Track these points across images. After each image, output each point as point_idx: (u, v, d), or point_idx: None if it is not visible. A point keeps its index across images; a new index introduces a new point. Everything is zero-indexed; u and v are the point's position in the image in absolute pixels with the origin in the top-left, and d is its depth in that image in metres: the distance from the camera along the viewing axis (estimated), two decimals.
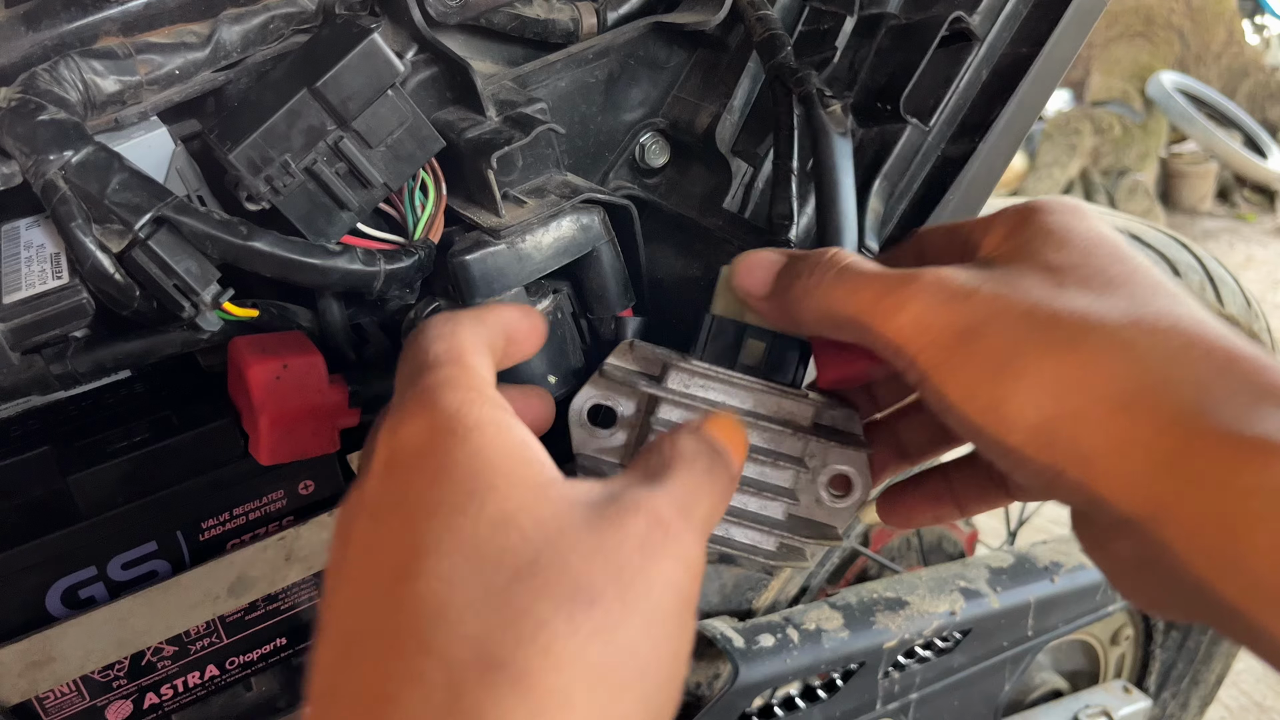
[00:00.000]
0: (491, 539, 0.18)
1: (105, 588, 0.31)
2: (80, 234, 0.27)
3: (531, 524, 0.18)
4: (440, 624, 0.17)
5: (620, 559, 0.18)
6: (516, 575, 0.18)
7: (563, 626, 0.17)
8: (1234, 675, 1.04)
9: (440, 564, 0.18)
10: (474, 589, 0.17)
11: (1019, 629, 0.64)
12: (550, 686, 0.17)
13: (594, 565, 0.18)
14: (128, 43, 0.29)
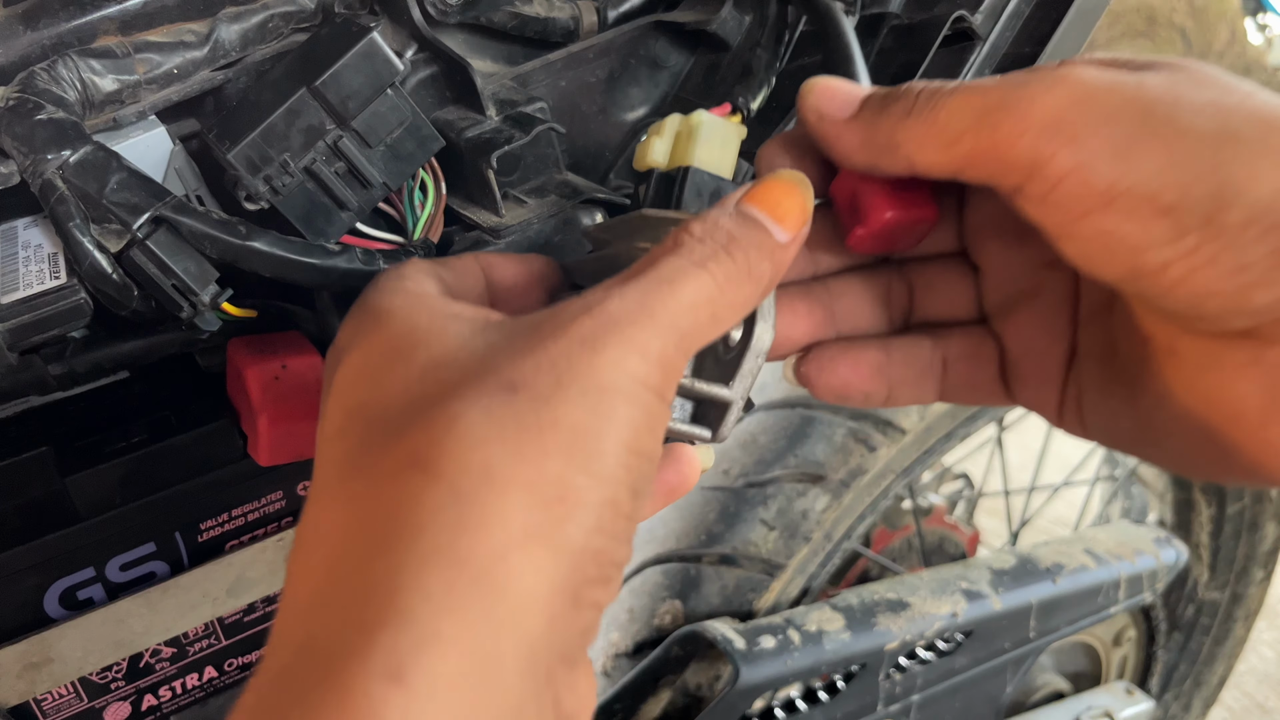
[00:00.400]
0: (424, 377, 0.17)
1: (104, 589, 0.31)
2: (78, 234, 0.27)
3: (468, 355, 0.17)
4: (365, 446, 0.17)
5: (555, 351, 0.17)
6: (442, 389, 0.17)
7: (481, 414, 0.16)
8: (1236, 676, 1.03)
9: (368, 403, 0.18)
10: (402, 405, 0.17)
11: (1021, 630, 0.64)
12: (470, 463, 0.16)
13: (523, 361, 0.17)
14: (126, 42, 0.29)
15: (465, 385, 0.17)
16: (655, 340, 0.17)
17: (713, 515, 0.60)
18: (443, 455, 0.16)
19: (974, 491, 0.93)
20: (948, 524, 0.85)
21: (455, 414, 0.16)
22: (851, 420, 0.61)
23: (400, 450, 0.16)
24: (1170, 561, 0.72)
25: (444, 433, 0.16)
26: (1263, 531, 0.92)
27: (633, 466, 0.17)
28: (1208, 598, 0.94)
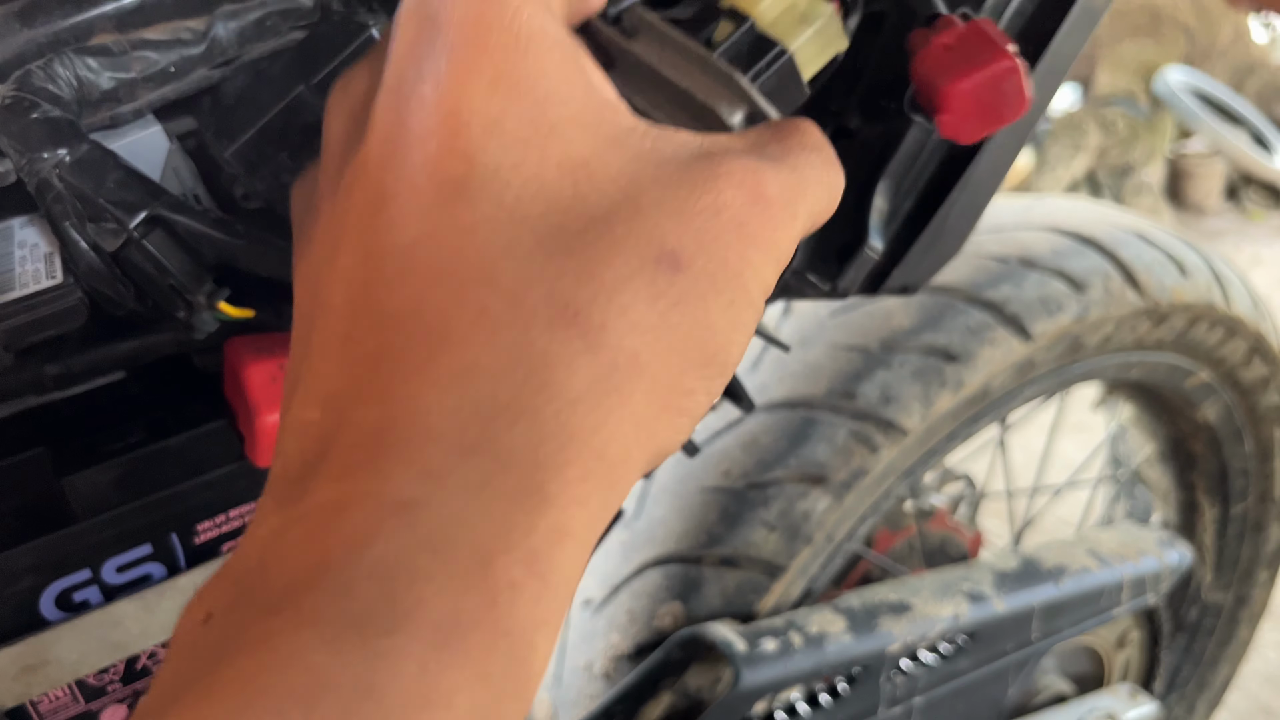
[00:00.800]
0: (559, 183, 0.15)
1: (100, 591, 0.31)
2: (74, 233, 0.27)
3: (606, 175, 0.15)
4: (508, 258, 0.14)
5: (714, 230, 0.15)
6: (592, 223, 0.15)
7: (644, 288, 0.15)
8: (1241, 678, 1.03)
9: (504, 193, 0.15)
10: (545, 228, 0.14)
11: (1024, 633, 0.63)
12: (624, 348, 0.14)
13: (683, 229, 0.15)
14: (123, 39, 0.29)
15: (627, 239, 0.15)
16: (792, 243, 0.17)
17: (713, 516, 0.60)
18: (604, 327, 0.14)
19: (976, 493, 0.93)
20: (950, 525, 0.85)
21: (619, 280, 0.14)
22: (853, 421, 0.61)
23: (558, 291, 0.14)
24: (1174, 563, 0.72)
25: (606, 299, 0.14)
26: (1267, 533, 0.92)
27: (722, 388, 0.16)
28: (1212, 599, 0.93)
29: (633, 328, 0.15)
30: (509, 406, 0.14)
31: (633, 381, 0.14)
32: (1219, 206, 2.81)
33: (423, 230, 0.15)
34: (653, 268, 0.15)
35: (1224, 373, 0.81)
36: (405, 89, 0.15)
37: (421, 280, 0.14)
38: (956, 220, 0.39)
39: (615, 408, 0.14)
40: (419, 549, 0.12)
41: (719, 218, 0.15)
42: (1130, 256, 0.70)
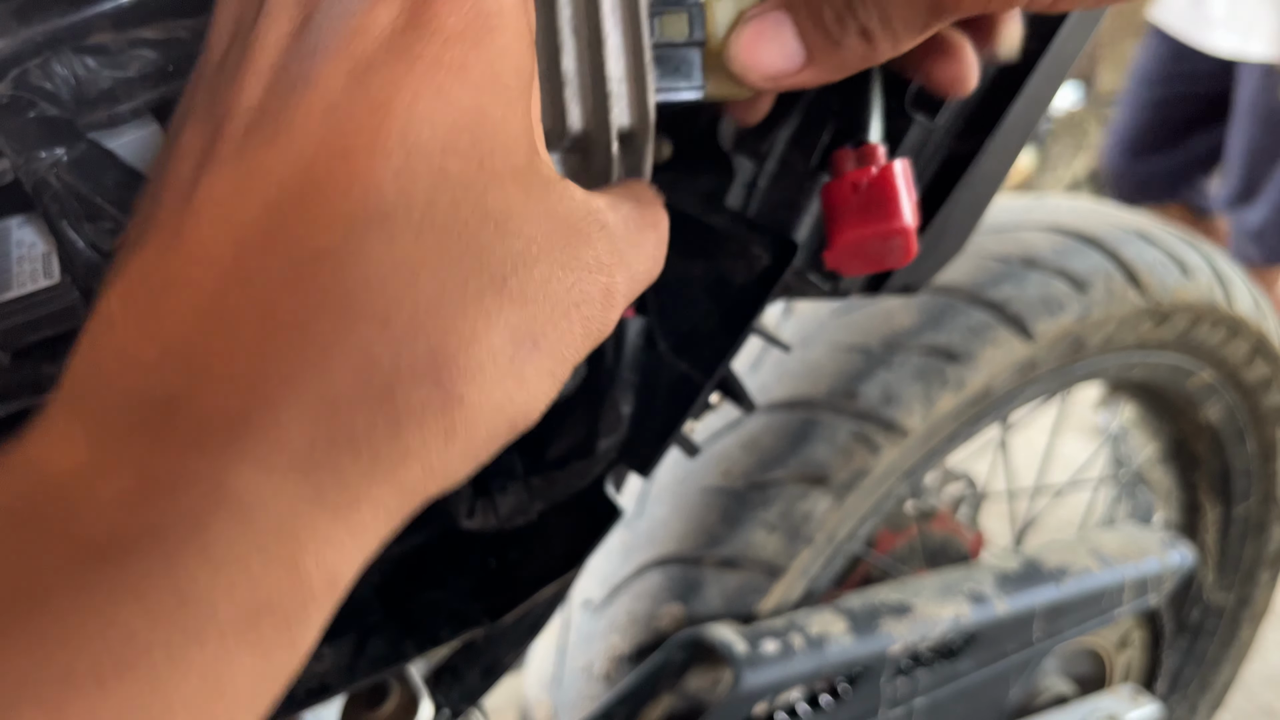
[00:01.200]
0: (479, 228, 0.16)
1: None
2: (72, 233, 0.27)
3: (518, 232, 0.16)
4: (406, 303, 0.15)
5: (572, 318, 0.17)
6: (486, 289, 0.15)
7: (509, 365, 0.16)
8: (1243, 679, 1.03)
9: (425, 233, 0.15)
10: (439, 278, 0.15)
11: (1025, 634, 0.63)
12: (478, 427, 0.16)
13: (553, 312, 0.16)
14: (121, 38, 0.29)
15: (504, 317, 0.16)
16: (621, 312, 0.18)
17: (714, 517, 0.60)
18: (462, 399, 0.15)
19: (977, 493, 0.93)
20: (951, 526, 0.84)
21: (485, 357, 0.15)
22: (854, 421, 0.61)
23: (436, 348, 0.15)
24: (1176, 564, 0.72)
25: (472, 374, 0.15)
26: (1270, 533, 0.92)
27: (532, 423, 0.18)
28: (1214, 600, 0.93)
29: (484, 401, 0.16)
30: (351, 439, 0.14)
31: (461, 443, 0.15)
32: None
33: (328, 244, 0.15)
34: (517, 348, 0.16)
35: (1226, 373, 0.81)
36: (379, 80, 0.16)
37: (319, 290, 0.15)
38: (959, 220, 0.38)
39: (439, 463, 0.15)
40: (244, 543, 0.13)
41: (578, 311, 0.17)
42: (1132, 256, 0.70)
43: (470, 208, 0.16)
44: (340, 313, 0.15)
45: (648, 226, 0.19)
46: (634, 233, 0.19)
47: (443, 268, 0.15)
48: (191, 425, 0.14)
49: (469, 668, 0.45)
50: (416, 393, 0.15)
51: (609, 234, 0.18)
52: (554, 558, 0.35)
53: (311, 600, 0.14)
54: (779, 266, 0.33)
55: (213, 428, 0.14)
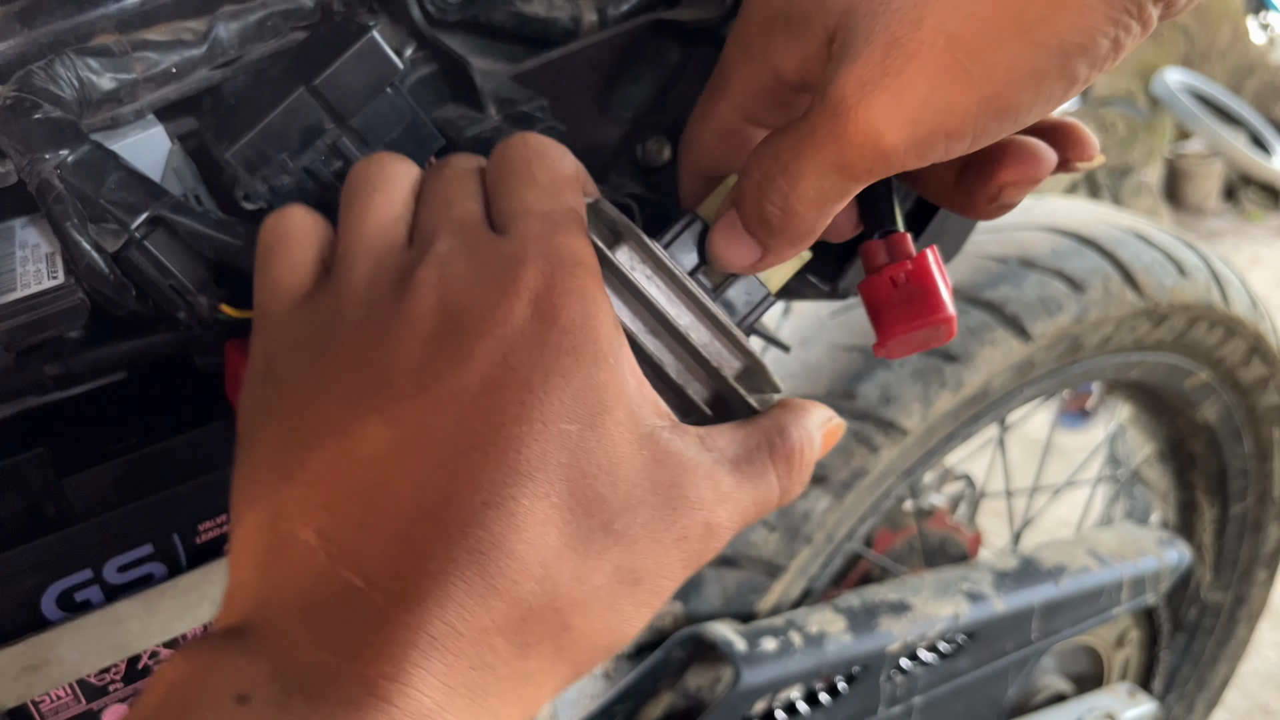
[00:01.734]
0: (594, 480, 0.19)
1: (101, 591, 0.31)
2: (75, 234, 0.27)
3: (625, 480, 0.19)
4: (541, 549, 0.18)
5: (671, 554, 0.19)
6: (595, 532, 0.18)
7: (609, 599, 0.19)
8: (1239, 678, 1.03)
9: (554, 488, 0.18)
10: (563, 525, 0.18)
11: (1023, 632, 0.63)
12: (582, 649, 0.19)
13: (654, 550, 0.19)
14: (124, 40, 0.29)
15: (612, 562, 0.19)
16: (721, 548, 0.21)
17: None
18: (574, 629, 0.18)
19: (976, 492, 0.93)
20: (950, 525, 0.85)
21: (596, 592, 0.19)
22: (853, 421, 0.61)
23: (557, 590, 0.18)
24: (1174, 563, 0.72)
25: (585, 607, 0.18)
26: (1266, 533, 0.92)
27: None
28: (1211, 599, 0.94)
29: (587, 628, 0.19)
30: (495, 665, 0.18)
31: (566, 665, 0.19)
32: (1217, 207, 2.81)
33: (492, 497, 0.18)
34: (619, 584, 0.19)
35: (1223, 373, 0.81)
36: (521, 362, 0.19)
37: (485, 541, 0.18)
38: (957, 220, 0.39)
39: (549, 683, 0.19)
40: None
41: (678, 547, 0.20)
42: (1129, 257, 0.70)
43: (587, 463, 0.19)
44: (502, 556, 0.18)
45: (770, 460, 0.21)
46: (748, 468, 0.21)
47: (567, 516, 0.18)
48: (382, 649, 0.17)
49: None
50: (541, 624, 0.18)
51: (713, 474, 0.20)
52: None
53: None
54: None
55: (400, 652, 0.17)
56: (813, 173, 0.21)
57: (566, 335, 0.19)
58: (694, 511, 0.20)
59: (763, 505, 0.21)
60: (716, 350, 0.23)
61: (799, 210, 0.22)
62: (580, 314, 0.20)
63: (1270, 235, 2.67)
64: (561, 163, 0.23)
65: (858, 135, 0.20)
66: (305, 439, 0.19)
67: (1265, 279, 2.33)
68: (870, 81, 0.19)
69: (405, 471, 0.18)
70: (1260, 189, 2.80)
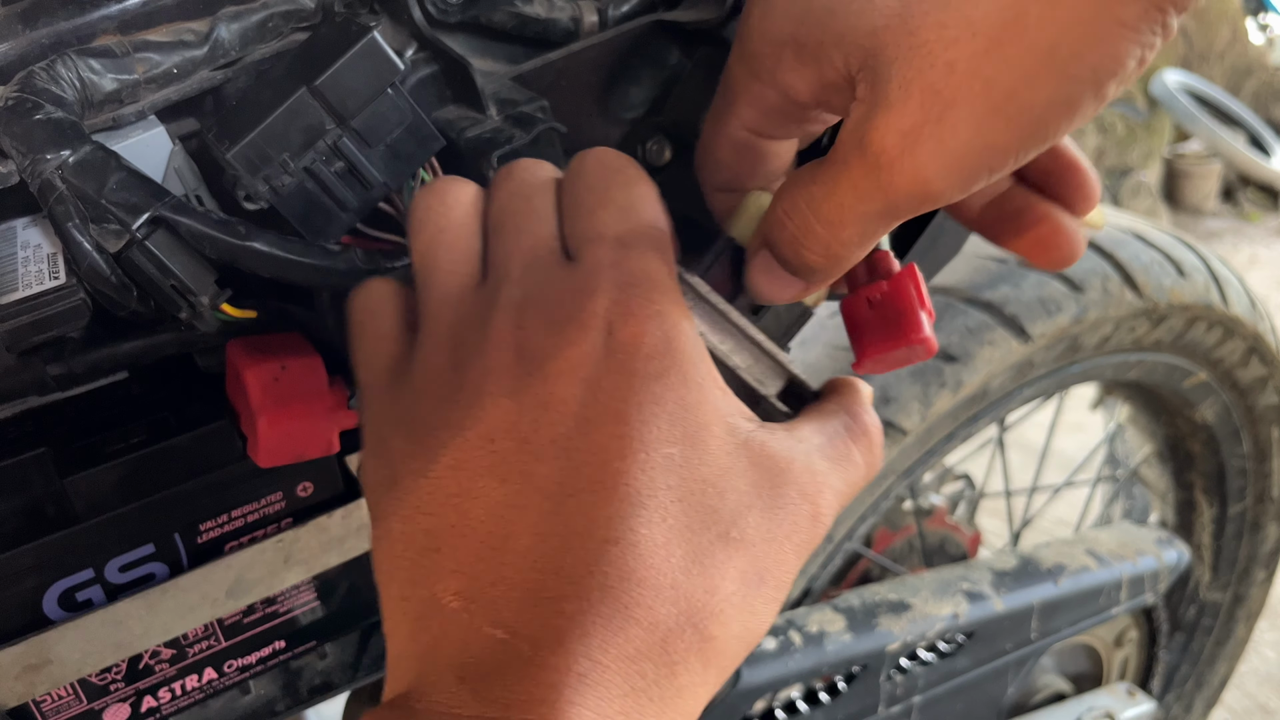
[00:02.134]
0: (703, 495, 0.19)
1: (103, 590, 0.31)
2: (77, 234, 0.27)
3: (731, 488, 0.20)
4: (668, 570, 0.19)
5: (785, 548, 0.20)
6: (715, 543, 0.19)
7: (742, 603, 0.19)
8: (1238, 677, 1.03)
9: (669, 511, 0.19)
10: (684, 544, 0.19)
11: (1023, 632, 0.64)
12: (726, 655, 0.19)
13: (770, 548, 0.20)
14: (125, 41, 0.29)
15: (734, 558, 0.19)
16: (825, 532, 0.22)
17: None
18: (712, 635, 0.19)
19: (975, 492, 0.93)
20: (949, 525, 0.85)
21: (727, 591, 0.19)
22: None
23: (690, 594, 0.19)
24: (1172, 563, 0.72)
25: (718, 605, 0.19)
26: (1265, 532, 0.92)
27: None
28: (1210, 598, 0.94)
29: (728, 634, 0.19)
30: (648, 687, 0.18)
31: (716, 670, 0.19)
32: (1216, 207, 2.81)
33: (614, 533, 0.19)
34: (748, 586, 0.20)
35: (1222, 373, 0.81)
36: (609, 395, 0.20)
37: (613, 574, 0.19)
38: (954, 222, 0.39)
39: (703, 691, 0.19)
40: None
41: (790, 540, 0.20)
42: (1128, 257, 0.70)
43: (693, 481, 0.19)
44: (633, 586, 0.19)
45: (850, 440, 0.22)
46: (834, 452, 0.22)
47: (686, 534, 0.19)
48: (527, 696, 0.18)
49: None
50: (682, 641, 0.19)
51: (809, 464, 0.21)
52: None
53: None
54: None
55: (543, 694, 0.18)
56: (856, 222, 0.21)
57: (651, 361, 0.20)
58: (799, 504, 0.20)
59: (853, 484, 0.22)
60: (761, 369, 0.24)
61: (842, 254, 0.22)
62: (661, 338, 0.20)
63: (1268, 235, 2.67)
64: (639, 182, 0.23)
65: (905, 185, 0.20)
66: (427, 508, 0.20)
67: (1264, 279, 2.34)
68: (912, 132, 0.19)
69: (524, 524, 0.19)
70: (1258, 189, 2.80)
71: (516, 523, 0.19)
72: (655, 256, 0.21)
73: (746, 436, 0.20)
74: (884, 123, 0.20)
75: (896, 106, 0.19)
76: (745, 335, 0.24)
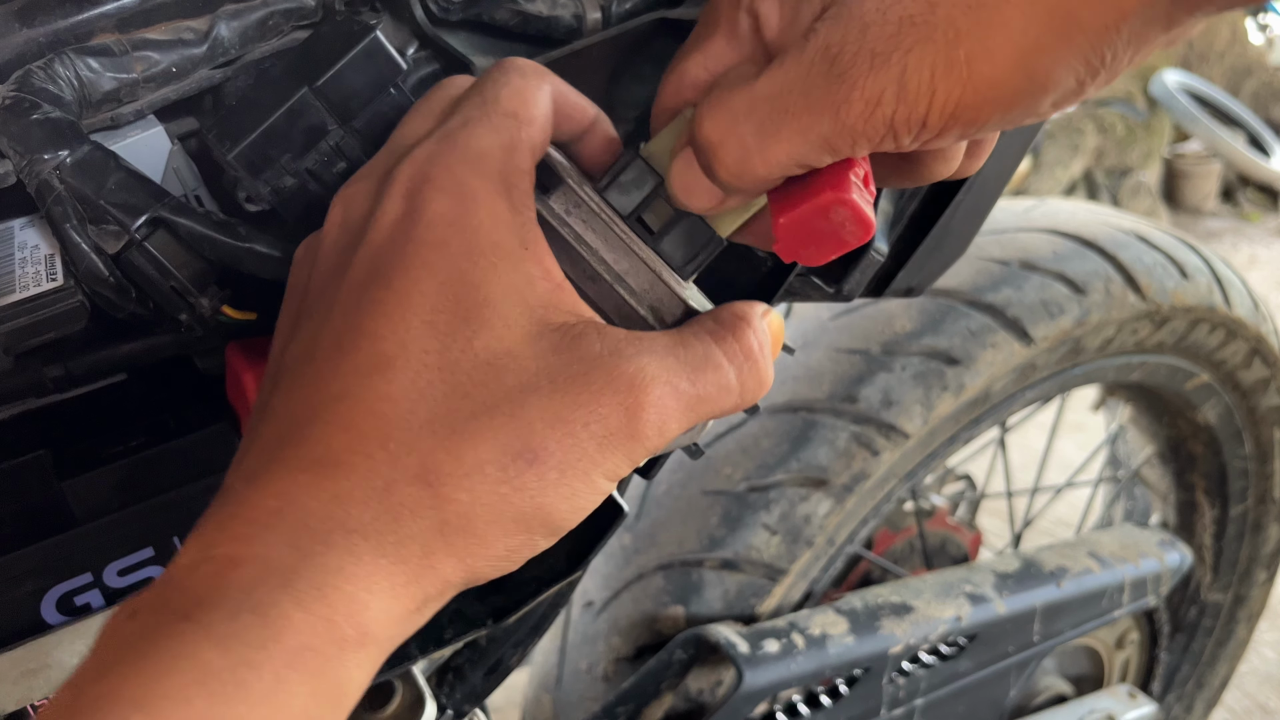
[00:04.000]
0: (471, 367, 0.19)
1: (101, 595, 0.31)
2: (75, 235, 0.26)
3: (513, 368, 0.20)
4: (401, 427, 0.19)
5: (578, 437, 0.19)
6: (478, 412, 0.19)
7: (494, 474, 0.19)
8: (1238, 678, 1.03)
9: (420, 375, 0.19)
10: (441, 409, 0.19)
11: (1025, 634, 0.63)
12: (462, 512, 0.19)
13: (550, 432, 0.19)
14: (124, 39, 0.29)
15: (499, 432, 0.19)
16: (660, 443, 0.21)
17: (714, 520, 0.60)
18: (452, 498, 0.19)
19: (976, 493, 0.93)
20: (950, 525, 0.85)
21: (477, 464, 0.19)
22: (854, 424, 0.61)
23: (429, 462, 0.19)
24: (1174, 565, 0.72)
25: (462, 476, 0.19)
26: (1266, 533, 0.92)
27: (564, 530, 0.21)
28: (1210, 599, 0.94)
29: (475, 501, 0.19)
30: (361, 527, 0.19)
31: (462, 535, 0.19)
32: (1215, 208, 2.81)
33: (346, 388, 0.20)
34: (509, 460, 0.19)
35: (1224, 374, 0.81)
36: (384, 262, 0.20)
37: (334, 425, 0.20)
38: (961, 222, 0.39)
39: (442, 549, 0.19)
40: (287, 602, 0.18)
41: (587, 429, 0.20)
42: (1131, 259, 0.70)
43: (459, 351, 0.19)
44: (353, 436, 0.19)
45: (713, 342, 0.21)
46: (686, 352, 0.21)
47: (436, 400, 0.19)
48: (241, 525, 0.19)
49: (473, 668, 0.45)
50: (407, 491, 0.19)
51: (635, 360, 0.20)
52: (558, 560, 0.35)
53: (345, 645, 0.18)
54: (783, 270, 0.33)
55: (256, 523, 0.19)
56: (793, 139, 0.19)
57: (432, 229, 0.20)
58: (607, 394, 0.20)
59: (713, 387, 0.21)
60: (656, 296, 0.23)
61: (764, 173, 0.20)
62: (450, 208, 0.20)
63: (1268, 235, 2.67)
64: (514, 77, 0.22)
65: (859, 104, 0.18)
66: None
67: (1263, 279, 2.34)
68: (881, 54, 0.17)
69: (282, 384, 0.21)
70: (1258, 190, 2.80)
71: (276, 382, 0.21)
72: (490, 136, 0.21)
73: (554, 325, 0.20)
74: (853, 39, 0.18)
75: (872, 27, 0.17)
76: (628, 247, 0.22)
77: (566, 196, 0.23)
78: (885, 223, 0.35)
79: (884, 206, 0.35)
